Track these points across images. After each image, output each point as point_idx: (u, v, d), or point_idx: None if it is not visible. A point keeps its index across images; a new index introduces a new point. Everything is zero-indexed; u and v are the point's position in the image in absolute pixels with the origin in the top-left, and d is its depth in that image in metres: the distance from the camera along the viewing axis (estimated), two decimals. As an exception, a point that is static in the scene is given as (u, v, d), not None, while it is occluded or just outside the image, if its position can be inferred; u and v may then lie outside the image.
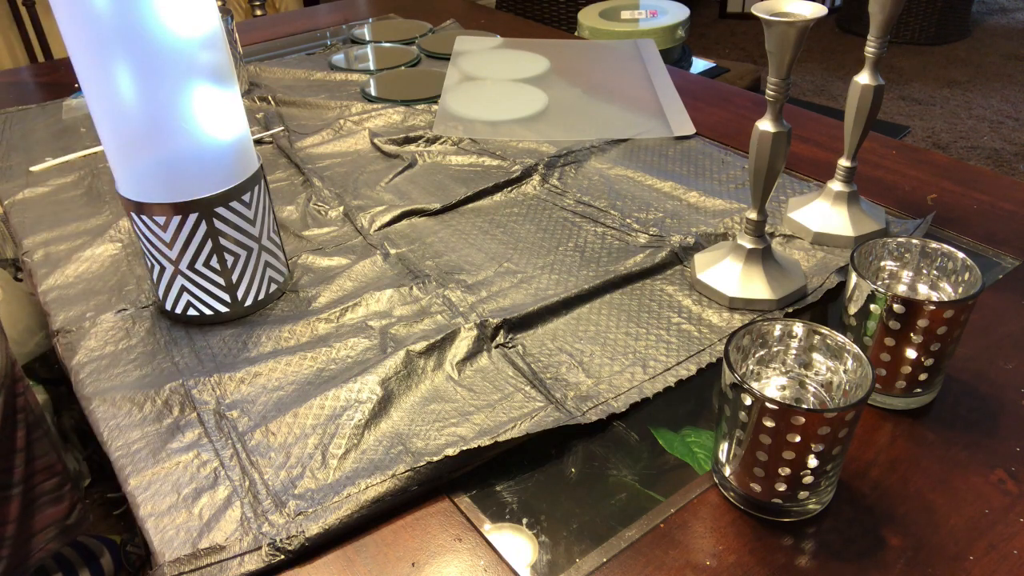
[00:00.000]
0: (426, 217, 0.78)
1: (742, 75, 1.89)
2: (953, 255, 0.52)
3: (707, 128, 0.95)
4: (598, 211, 0.77)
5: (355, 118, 0.98)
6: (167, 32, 0.52)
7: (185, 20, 0.53)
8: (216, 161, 0.58)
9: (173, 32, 0.53)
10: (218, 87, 0.57)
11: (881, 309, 0.50)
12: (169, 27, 0.52)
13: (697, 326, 0.62)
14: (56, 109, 1.07)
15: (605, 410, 0.53)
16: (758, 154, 0.59)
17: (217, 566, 0.44)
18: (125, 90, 0.53)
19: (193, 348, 0.61)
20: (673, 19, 1.86)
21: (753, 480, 0.45)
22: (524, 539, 0.46)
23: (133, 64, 0.53)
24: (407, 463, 0.49)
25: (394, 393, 0.55)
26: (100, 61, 0.53)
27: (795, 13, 0.54)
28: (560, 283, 0.66)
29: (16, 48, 2.03)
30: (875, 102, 0.66)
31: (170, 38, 0.53)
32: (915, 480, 0.48)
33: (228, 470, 0.50)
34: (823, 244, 0.71)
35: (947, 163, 0.85)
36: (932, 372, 0.51)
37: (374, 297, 0.65)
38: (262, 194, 0.63)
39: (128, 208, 0.59)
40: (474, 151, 0.90)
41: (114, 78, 0.53)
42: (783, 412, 0.41)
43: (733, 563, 0.44)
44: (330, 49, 1.27)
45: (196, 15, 0.54)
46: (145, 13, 0.51)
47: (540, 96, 1.03)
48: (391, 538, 0.46)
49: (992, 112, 2.80)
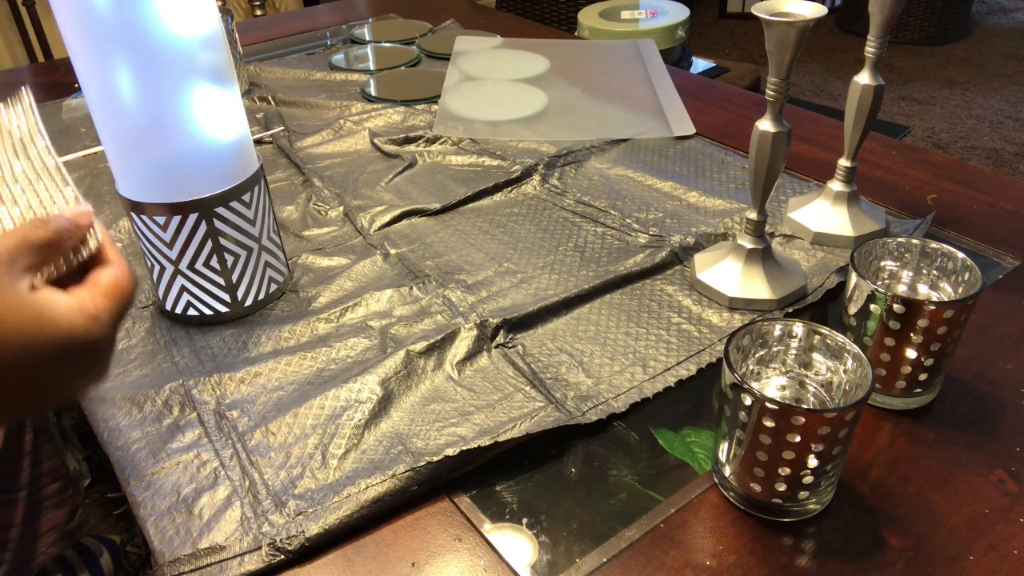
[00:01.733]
0: (426, 217, 0.78)
1: (742, 75, 1.89)
2: (953, 255, 0.52)
3: (707, 128, 0.95)
4: (598, 211, 0.77)
5: (355, 118, 0.98)
6: (167, 32, 0.52)
7: (185, 20, 0.53)
8: (216, 161, 0.58)
9: (173, 32, 0.52)
10: (218, 87, 0.57)
11: (881, 309, 0.50)
12: (169, 27, 0.52)
13: (697, 326, 0.62)
14: (56, 109, 1.07)
15: (605, 410, 0.53)
16: (758, 154, 0.59)
17: (217, 566, 0.44)
18: (125, 90, 0.53)
19: (193, 348, 0.61)
20: (673, 19, 1.86)
21: (753, 480, 0.45)
22: (524, 539, 0.46)
23: (133, 64, 0.53)
24: (407, 463, 0.49)
25: (394, 393, 0.55)
26: (100, 61, 0.53)
27: (795, 13, 0.54)
28: (560, 283, 0.66)
29: (16, 48, 2.03)
30: (875, 102, 0.66)
31: (170, 38, 0.53)
32: (915, 480, 0.48)
33: (228, 470, 0.50)
34: (823, 244, 0.71)
35: (947, 163, 0.85)
36: (932, 372, 0.51)
37: (374, 297, 0.65)
38: (262, 194, 0.63)
39: (127, 208, 0.59)
40: (474, 151, 0.90)
41: (113, 78, 0.53)
42: (783, 412, 0.41)
43: (733, 563, 0.44)
44: (330, 49, 1.27)
45: (196, 15, 0.54)
46: (145, 13, 0.51)
47: (540, 96, 1.03)
48: (391, 538, 0.46)
49: (992, 112, 2.80)
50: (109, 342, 0.41)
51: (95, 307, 0.40)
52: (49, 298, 0.38)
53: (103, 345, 0.40)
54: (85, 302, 0.40)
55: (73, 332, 0.38)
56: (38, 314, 0.37)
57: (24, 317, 0.36)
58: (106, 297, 0.41)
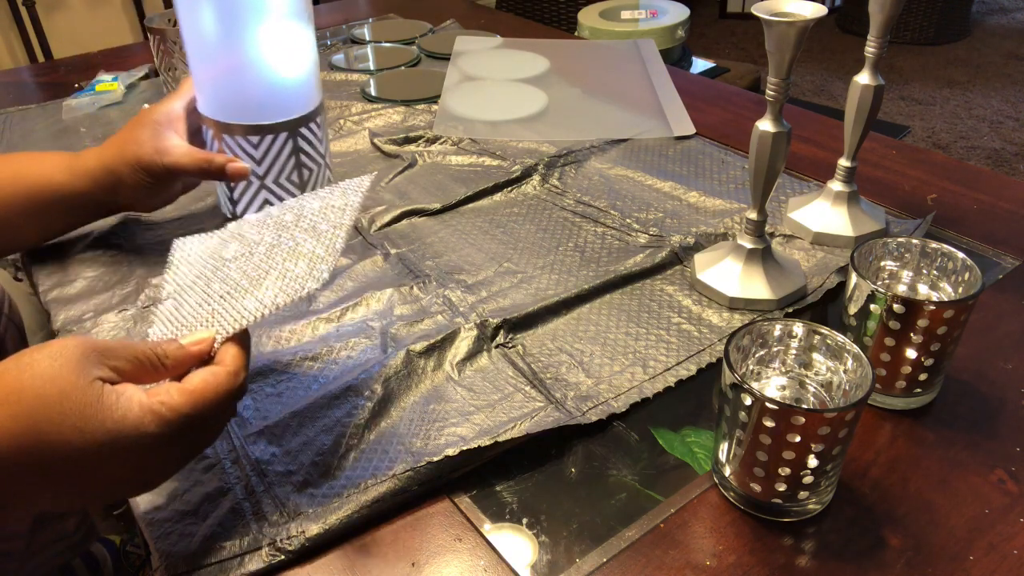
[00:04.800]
0: (426, 217, 0.78)
1: (742, 75, 1.89)
2: (953, 255, 0.52)
3: (707, 128, 0.95)
4: (598, 211, 0.77)
5: (355, 118, 0.98)
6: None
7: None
8: (300, 88, 0.68)
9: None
10: (305, 25, 0.67)
11: (881, 309, 0.50)
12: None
13: (697, 326, 0.62)
14: (56, 109, 1.07)
15: (605, 410, 0.53)
16: (758, 154, 0.59)
17: (217, 566, 0.44)
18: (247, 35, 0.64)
19: (193, 348, 0.61)
20: (673, 19, 1.86)
21: (753, 480, 0.45)
22: (524, 539, 0.46)
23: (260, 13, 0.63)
24: (407, 463, 0.49)
25: (394, 393, 0.55)
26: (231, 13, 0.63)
27: (795, 13, 0.54)
28: (560, 283, 0.66)
29: (16, 48, 2.03)
30: (875, 102, 0.66)
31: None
32: (915, 480, 0.48)
33: (228, 470, 0.50)
34: (823, 244, 0.71)
35: (947, 163, 0.85)
36: (932, 372, 0.51)
37: (374, 297, 0.65)
38: (324, 120, 0.73)
39: (218, 130, 0.68)
40: (474, 151, 0.90)
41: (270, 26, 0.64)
42: (783, 412, 0.41)
43: (733, 563, 0.44)
44: (330, 49, 1.27)
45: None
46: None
47: (540, 96, 1.03)
48: (391, 538, 0.46)
49: (992, 112, 2.80)
50: (171, 442, 0.39)
51: (164, 407, 0.38)
52: (117, 389, 0.38)
53: (162, 443, 0.38)
54: (157, 401, 0.38)
55: (130, 428, 0.37)
56: (99, 409, 0.36)
57: (87, 412, 0.36)
58: (183, 396, 0.39)
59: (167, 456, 0.40)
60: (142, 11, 2.13)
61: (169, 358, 0.42)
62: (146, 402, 0.38)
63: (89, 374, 0.37)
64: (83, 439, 0.36)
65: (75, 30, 2.14)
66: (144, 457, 0.38)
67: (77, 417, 0.35)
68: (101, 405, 0.36)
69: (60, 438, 0.35)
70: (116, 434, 0.36)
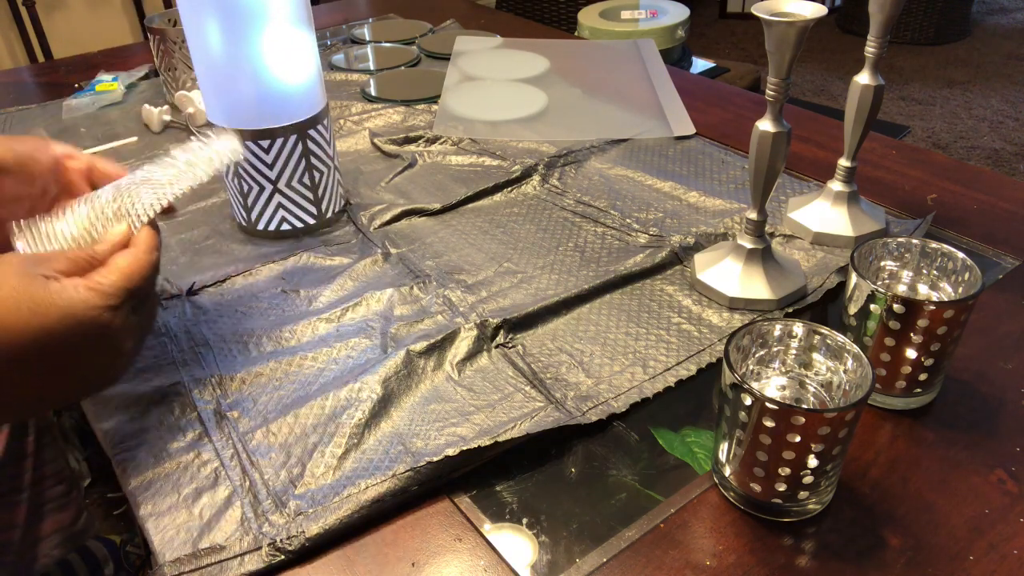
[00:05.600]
0: (426, 217, 0.78)
1: (742, 75, 1.89)
2: (953, 255, 0.52)
3: (707, 128, 0.95)
4: (598, 211, 0.77)
5: (355, 118, 0.98)
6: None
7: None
8: (305, 91, 0.70)
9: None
10: (306, 31, 0.69)
11: (881, 309, 0.50)
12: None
13: (697, 326, 0.62)
14: (56, 109, 1.07)
15: (605, 410, 0.53)
16: (758, 154, 0.59)
17: (217, 566, 0.44)
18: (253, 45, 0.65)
19: (194, 348, 0.61)
20: (673, 19, 1.86)
21: (753, 480, 0.45)
22: (524, 539, 0.46)
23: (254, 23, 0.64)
24: (407, 463, 0.49)
25: (394, 393, 0.55)
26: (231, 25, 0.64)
27: (795, 13, 0.54)
28: (560, 283, 0.66)
29: (16, 48, 2.03)
30: (875, 102, 0.66)
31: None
32: (915, 480, 0.48)
33: (228, 470, 0.50)
34: (823, 244, 0.71)
35: (947, 163, 0.85)
36: (932, 372, 0.51)
37: (374, 297, 0.65)
38: (330, 121, 0.75)
39: None
40: (474, 151, 0.90)
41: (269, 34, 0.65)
42: (783, 412, 0.41)
43: (733, 563, 0.44)
44: (330, 49, 1.27)
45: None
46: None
47: (540, 96, 1.03)
48: (391, 538, 0.46)
49: (992, 112, 2.80)
50: (122, 318, 0.43)
51: (102, 285, 0.43)
52: (62, 282, 0.42)
53: (116, 322, 0.43)
54: (94, 281, 0.43)
55: (79, 306, 0.41)
56: (48, 294, 0.40)
57: (36, 297, 0.40)
58: (114, 273, 0.44)
59: (121, 328, 0.44)
60: (142, 11, 2.13)
61: (98, 253, 0.46)
62: (86, 282, 0.43)
63: (33, 273, 0.41)
64: (40, 321, 0.40)
65: (75, 30, 2.14)
66: (100, 329, 0.42)
67: (30, 302, 0.40)
68: (48, 291, 0.41)
69: (20, 322, 0.39)
70: (67, 310, 0.41)
